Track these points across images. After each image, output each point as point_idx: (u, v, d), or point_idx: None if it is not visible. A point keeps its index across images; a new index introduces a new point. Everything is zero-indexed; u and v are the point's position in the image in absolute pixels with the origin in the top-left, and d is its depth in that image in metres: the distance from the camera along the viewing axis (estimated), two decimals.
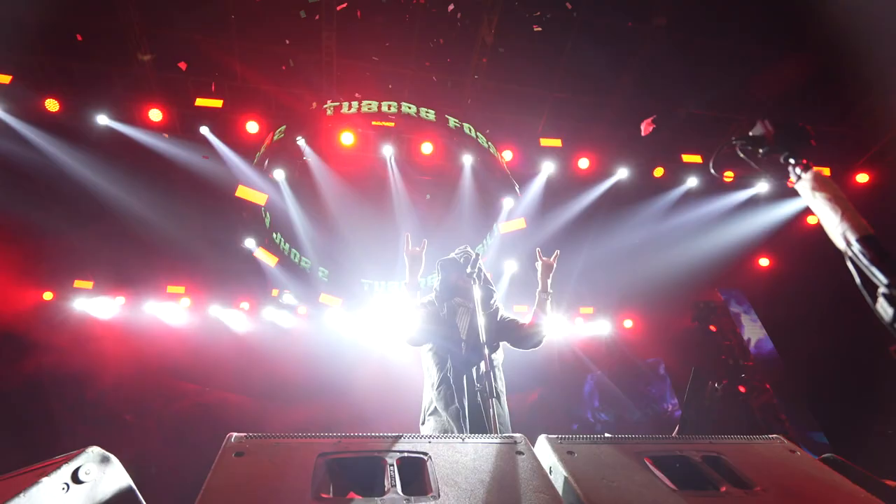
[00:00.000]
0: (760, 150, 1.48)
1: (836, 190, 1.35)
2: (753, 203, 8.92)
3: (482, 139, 7.50)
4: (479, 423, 2.62)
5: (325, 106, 6.86)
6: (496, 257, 7.96)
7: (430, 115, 7.19)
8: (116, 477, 1.60)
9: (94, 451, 1.59)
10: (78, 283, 8.70)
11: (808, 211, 9.27)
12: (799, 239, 8.89)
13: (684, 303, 9.31)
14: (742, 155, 1.51)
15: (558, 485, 1.63)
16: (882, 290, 1.17)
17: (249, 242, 7.37)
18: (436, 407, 2.88)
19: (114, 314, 8.70)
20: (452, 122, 7.29)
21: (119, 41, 6.72)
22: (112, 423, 8.25)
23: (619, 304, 10.37)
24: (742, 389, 7.35)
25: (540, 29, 7.01)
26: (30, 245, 8.01)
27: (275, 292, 8.09)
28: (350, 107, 6.89)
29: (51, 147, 7.16)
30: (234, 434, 1.65)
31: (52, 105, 6.83)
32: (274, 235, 7.65)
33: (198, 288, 8.70)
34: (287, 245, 7.70)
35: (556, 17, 6.99)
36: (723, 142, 1.57)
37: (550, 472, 1.66)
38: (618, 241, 8.95)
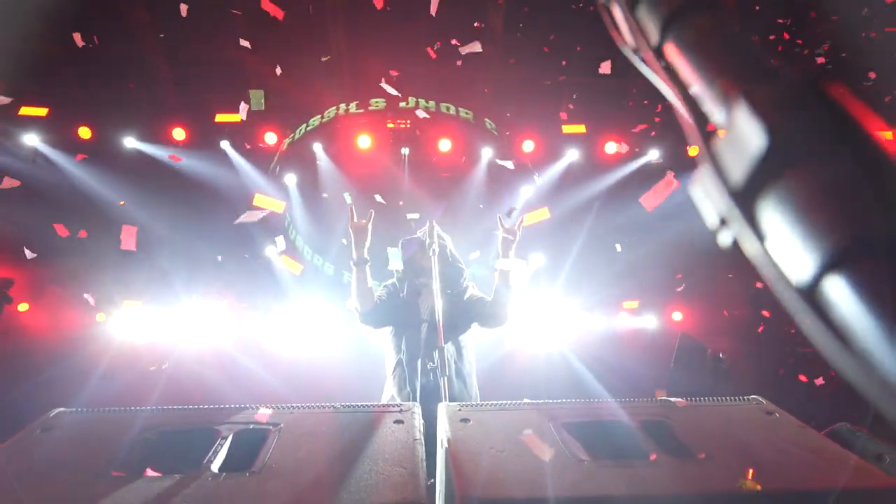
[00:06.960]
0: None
1: None
2: None
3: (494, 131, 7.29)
4: (434, 405, 2.40)
5: (336, 108, 6.85)
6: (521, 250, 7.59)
7: (451, 109, 7.05)
8: None
9: None
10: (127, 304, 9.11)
11: None
12: None
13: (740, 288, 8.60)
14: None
15: (441, 458, 1.38)
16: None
17: (271, 251, 7.38)
18: (392, 395, 2.71)
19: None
20: (468, 115, 7.10)
21: (140, 62, 6.97)
22: None
23: (668, 295, 9.67)
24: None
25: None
26: (81, 272, 8.39)
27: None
28: (364, 106, 6.85)
29: (87, 176, 7.42)
30: (59, 409, 1.52)
31: (84, 133, 7.21)
32: (295, 240, 7.62)
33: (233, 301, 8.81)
34: (309, 250, 7.64)
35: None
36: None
37: (443, 444, 1.41)
38: (658, 229, 8.30)
